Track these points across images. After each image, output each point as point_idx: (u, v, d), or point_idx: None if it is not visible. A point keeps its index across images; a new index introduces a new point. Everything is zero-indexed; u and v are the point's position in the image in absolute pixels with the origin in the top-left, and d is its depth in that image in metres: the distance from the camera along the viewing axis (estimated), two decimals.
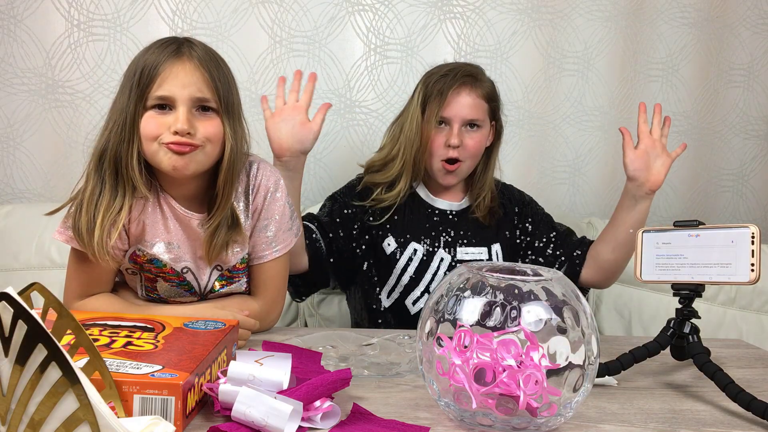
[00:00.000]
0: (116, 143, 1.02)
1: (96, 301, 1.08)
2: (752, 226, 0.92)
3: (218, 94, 1.04)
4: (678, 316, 0.98)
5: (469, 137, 1.37)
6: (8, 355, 0.55)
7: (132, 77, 1.02)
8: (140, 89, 1.01)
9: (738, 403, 0.85)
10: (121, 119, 1.01)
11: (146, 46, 1.05)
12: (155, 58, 1.01)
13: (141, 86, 1.01)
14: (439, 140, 1.36)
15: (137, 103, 1.01)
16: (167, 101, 1.01)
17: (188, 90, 1.01)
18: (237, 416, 0.74)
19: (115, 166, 1.03)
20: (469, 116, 1.36)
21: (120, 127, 1.01)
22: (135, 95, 1.01)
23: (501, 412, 0.74)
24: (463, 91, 1.36)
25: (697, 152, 1.92)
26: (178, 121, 1.00)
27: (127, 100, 1.01)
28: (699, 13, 1.85)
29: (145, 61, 1.02)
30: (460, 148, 1.36)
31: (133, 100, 1.01)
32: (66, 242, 1.06)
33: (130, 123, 1.01)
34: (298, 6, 1.72)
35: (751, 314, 1.65)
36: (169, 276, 1.11)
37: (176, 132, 1.00)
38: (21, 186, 1.70)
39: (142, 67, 1.01)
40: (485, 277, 0.77)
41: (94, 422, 0.55)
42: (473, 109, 1.36)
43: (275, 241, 1.15)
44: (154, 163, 1.04)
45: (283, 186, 1.16)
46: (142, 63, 1.02)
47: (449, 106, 1.35)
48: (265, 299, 1.16)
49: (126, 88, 1.02)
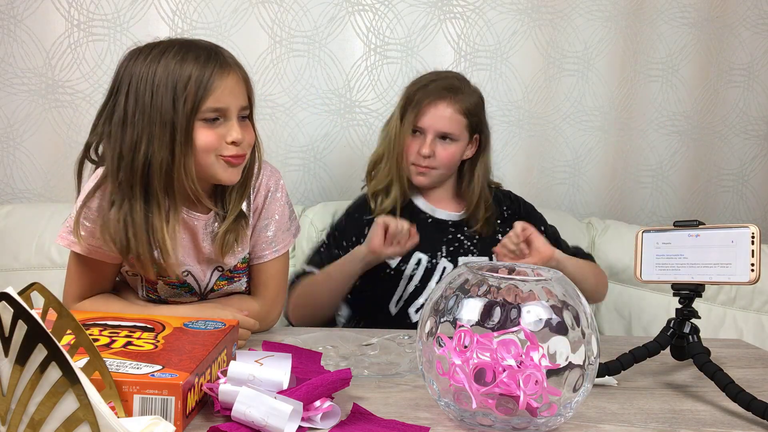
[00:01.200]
0: (165, 158, 0.99)
1: (95, 301, 1.08)
2: (752, 226, 0.92)
3: (251, 101, 1.07)
4: (678, 316, 0.98)
5: (443, 148, 1.38)
6: (8, 355, 0.55)
7: (171, 90, 0.98)
8: (194, 102, 0.99)
9: (738, 403, 0.85)
10: (166, 133, 0.98)
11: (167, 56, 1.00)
12: (202, 71, 0.99)
13: (195, 99, 0.98)
14: (413, 147, 1.38)
15: (190, 116, 0.99)
16: (220, 113, 1.02)
17: (237, 100, 1.03)
18: (237, 416, 0.74)
19: (167, 182, 1.01)
20: (442, 129, 1.37)
21: (168, 141, 0.99)
22: (187, 108, 0.98)
23: (501, 412, 0.74)
24: (441, 104, 1.37)
25: (697, 152, 1.92)
26: (234, 130, 1.02)
27: (173, 113, 0.98)
28: (699, 13, 1.85)
29: (190, 74, 0.99)
30: (432, 158, 1.37)
31: (184, 114, 0.98)
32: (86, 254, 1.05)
33: (183, 137, 0.99)
34: (298, 6, 1.72)
35: (751, 314, 1.65)
36: (170, 279, 1.11)
37: (233, 142, 1.02)
38: (21, 186, 1.70)
39: (187, 80, 0.98)
40: (485, 277, 0.77)
41: (94, 422, 0.55)
42: (448, 123, 1.37)
43: (275, 241, 1.15)
44: (207, 175, 1.04)
45: (283, 186, 1.17)
46: (185, 75, 0.99)
47: (424, 117, 1.37)
48: (265, 299, 1.16)
49: (164, 101, 0.98)
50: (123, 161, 1.00)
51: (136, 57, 1.02)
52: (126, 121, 1.00)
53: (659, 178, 1.91)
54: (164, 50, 1.01)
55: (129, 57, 1.03)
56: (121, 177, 1.00)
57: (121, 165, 1.00)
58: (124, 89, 1.01)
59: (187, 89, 0.98)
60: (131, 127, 0.99)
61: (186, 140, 0.99)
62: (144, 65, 1.00)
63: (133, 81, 1.00)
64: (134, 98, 1.00)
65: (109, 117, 1.03)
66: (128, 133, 1.00)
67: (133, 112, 0.99)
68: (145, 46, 1.04)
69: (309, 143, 1.77)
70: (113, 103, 1.03)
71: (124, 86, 1.01)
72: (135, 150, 0.99)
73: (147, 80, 0.99)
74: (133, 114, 0.99)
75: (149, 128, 0.99)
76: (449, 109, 1.37)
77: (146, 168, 0.99)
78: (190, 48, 1.01)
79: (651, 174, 1.91)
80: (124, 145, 1.00)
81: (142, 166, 0.99)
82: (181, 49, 1.01)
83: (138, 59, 1.01)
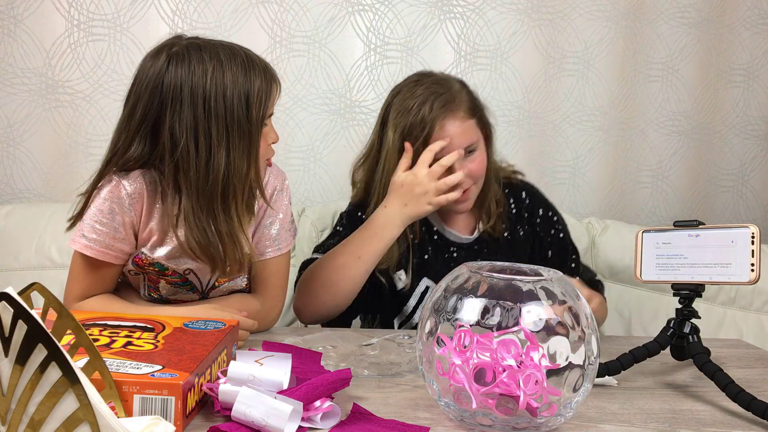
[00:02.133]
0: (245, 166, 1.02)
1: (95, 301, 1.08)
2: (752, 226, 0.92)
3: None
4: (678, 316, 0.98)
5: (470, 161, 1.25)
6: (8, 355, 0.55)
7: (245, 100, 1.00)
8: (263, 113, 1.03)
9: (738, 403, 0.85)
10: (243, 142, 1.01)
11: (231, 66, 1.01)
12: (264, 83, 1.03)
13: (263, 109, 1.03)
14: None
15: (258, 128, 1.03)
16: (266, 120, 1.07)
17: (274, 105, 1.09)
18: (237, 416, 0.74)
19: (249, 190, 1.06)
20: (464, 144, 1.23)
21: (247, 150, 1.02)
22: (257, 122, 1.02)
23: (501, 412, 0.74)
24: (447, 121, 1.22)
25: (697, 152, 1.92)
26: (273, 132, 1.09)
27: (247, 123, 1.01)
28: (699, 13, 1.85)
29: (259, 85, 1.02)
30: (467, 178, 1.24)
31: (256, 125, 1.02)
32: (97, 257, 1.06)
33: (257, 146, 1.04)
34: (298, 6, 1.72)
35: (751, 314, 1.65)
36: (171, 278, 1.11)
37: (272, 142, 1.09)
38: (21, 186, 1.70)
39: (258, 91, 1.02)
40: (485, 277, 0.77)
41: (94, 422, 0.55)
42: (465, 136, 1.24)
43: (278, 239, 1.16)
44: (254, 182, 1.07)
45: (287, 187, 1.19)
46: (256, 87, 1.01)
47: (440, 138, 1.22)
48: (265, 297, 1.16)
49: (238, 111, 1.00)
50: (200, 176, 0.99)
51: (177, 63, 0.99)
52: (197, 135, 0.99)
53: (659, 178, 1.91)
54: (221, 60, 1.00)
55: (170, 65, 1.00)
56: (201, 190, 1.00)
57: (200, 180, 1.00)
58: (176, 99, 0.98)
59: (259, 99, 1.02)
60: (206, 140, 0.99)
61: (257, 151, 1.04)
62: (207, 75, 0.99)
63: (198, 92, 0.98)
64: (205, 111, 0.98)
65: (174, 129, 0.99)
66: (202, 148, 0.99)
67: (205, 125, 0.98)
68: (180, 50, 1.00)
69: (309, 143, 1.77)
70: (158, 113, 0.99)
71: (176, 95, 0.98)
72: (215, 162, 0.99)
73: (218, 92, 0.99)
74: (207, 128, 0.99)
75: (227, 138, 1.00)
76: (458, 120, 1.23)
77: (228, 178, 1.00)
78: (246, 56, 1.04)
79: (651, 174, 1.91)
80: (199, 161, 0.99)
81: (224, 176, 1.00)
82: (237, 57, 1.02)
83: (182, 66, 0.99)
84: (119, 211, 1.05)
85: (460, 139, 1.23)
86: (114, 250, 1.06)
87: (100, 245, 1.05)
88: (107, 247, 1.06)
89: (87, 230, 1.05)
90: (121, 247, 1.07)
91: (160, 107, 1.00)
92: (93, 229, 1.05)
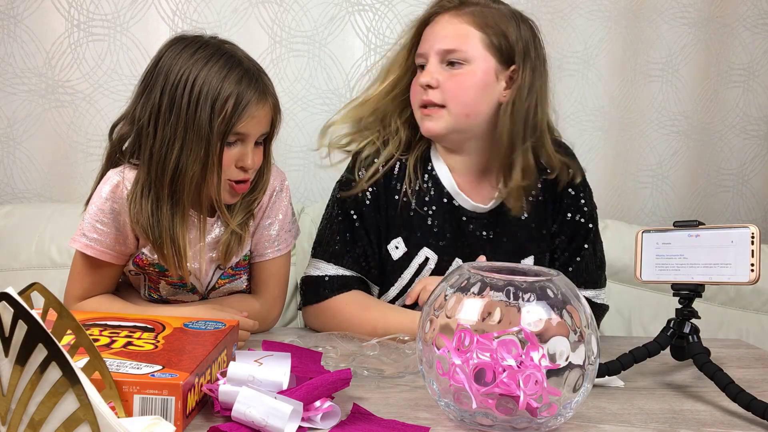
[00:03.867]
0: (198, 172, 0.99)
1: (96, 301, 1.08)
2: (752, 226, 0.92)
3: (274, 127, 1.08)
4: (678, 316, 0.98)
5: (449, 75, 1.08)
6: (8, 355, 0.55)
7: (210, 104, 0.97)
8: (226, 124, 0.98)
9: (738, 403, 0.85)
10: (200, 147, 0.98)
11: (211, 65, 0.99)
12: (240, 96, 0.98)
13: (228, 122, 0.98)
14: (416, 85, 1.12)
15: (223, 137, 0.99)
16: (240, 138, 1.02)
17: (261, 129, 1.04)
18: (237, 416, 0.74)
19: (196, 194, 1.02)
20: (444, 45, 1.07)
21: (203, 156, 0.98)
22: (221, 128, 0.98)
23: (501, 412, 0.74)
24: (443, 19, 1.08)
25: (697, 152, 1.92)
26: (247, 157, 1.02)
27: (209, 129, 0.97)
28: (699, 13, 1.85)
29: (229, 93, 0.98)
30: (438, 90, 1.08)
31: (217, 133, 0.98)
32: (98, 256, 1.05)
33: (217, 155, 0.99)
34: (298, 6, 1.72)
35: (751, 314, 1.65)
36: (172, 279, 1.11)
37: (242, 167, 1.03)
38: (21, 186, 1.70)
39: (225, 99, 0.97)
40: (485, 277, 0.77)
41: (94, 422, 0.54)
42: (450, 38, 1.07)
43: (278, 240, 1.16)
44: (215, 194, 1.03)
45: (287, 187, 1.17)
46: (225, 94, 0.97)
47: (425, 40, 1.10)
48: (266, 297, 1.16)
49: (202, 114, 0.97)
50: (153, 159, 1.00)
51: (180, 51, 1.00)
52: (159, 117, 0.99)
53: (659, 178, 1.91)
54: (210, 57, 0.99)
55: (172, 47, 1.02)
56: (152, 174, 1.00)
57: (152, 162, 1.00)
58: (160, 82, 1.00)
59: (224, 109, 0.98)
60: (164, 125, 0.99)
61: (219, 159, 0.99)
62: (186, 67, 0.98)
63: (171, 77, 0.99)
64: (170, 98, 0.98)
65: (144, 106, 1.01)
66: (160, 133, 0.99)
67: (167, 110, 0.98)
68: (192, 39, 1.02)
69: (309, 143, 1.77)
70: (148, 92, 1.01)
71: (161, 79, 1.00)
72: (167, 152, 0.99)
73: (186, 84, 0.98)
74: (168, 113, 0.98)
75: (183, 134, 0.98)
76: (454, 20, 1.07)
77: (176, 174, 0.99)
78: (235, 64, 1.00)
79: (651, 174, 1.91)
80: (155, 144, 0.99)
81: (172, 170, 0.99)
82: (227, 64, 0.99)
83: (181, 55, 1.00)
84: (121, 211, 1.05)
85: (440, 40, 1.08)
86: (115, 250, 1.06)
87: (100, 245, 1.05)
88: (108, 248, 1.06)
89: (87, 229, 1.05)
90: (122, 248, 1.07)
91: (147, 87, 1.02)
92: (94, 229, 1.05)
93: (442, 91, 1.08)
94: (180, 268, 1.04)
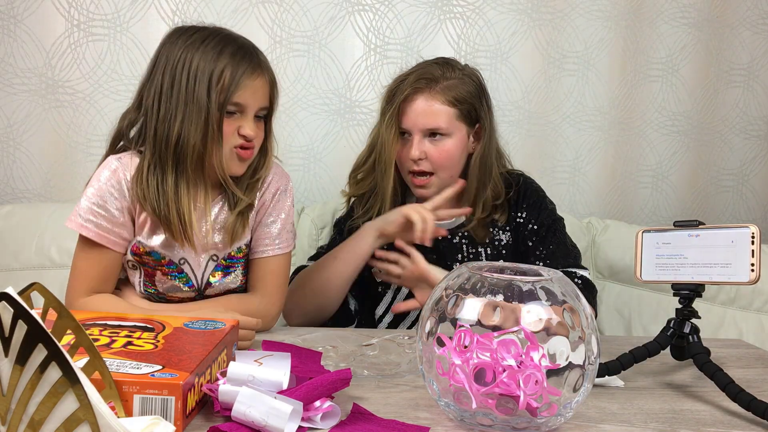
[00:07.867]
0: (199, 141, 1.04)
1: (100, 301, 1.09)
2: (752, 226, 0.92)
3: (273, 104, 1.13)
4: (678, 316, 0.98)
5: (434, 147, 1.25)
6: (8, 355, 0.55)
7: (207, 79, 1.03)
8: (224, 95, 1.04)
9: (738, 403, 0.85)
10: (200, 118, 1.03)
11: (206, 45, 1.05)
12: (235, 68, 1.04)
13: (226, 92, 1.04)
14: (404, 152, 1.26)
15: (221, 107, 1.04)
16: (239, 108, 1.07)
17: (258, 101, 1.09)
18: (237, 416, 0.74)
19: (198, 165, 1.06)
20: (426, 125, 1.23)
21: (203, 126, 1.04)
22: (218, 100, 1.04)
23: (501, 412, 0.74)
24: (419, 98, 1.23)
25: (697, 152, 1.92)
26: (247, 126, 1.07)
27: (207, 101, 1.03)
28: (699, 13, 1.85)
29: (224, 65, 1.04)
30: (426, 161, 1.25)
31: (216, 104, 1.04)
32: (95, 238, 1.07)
33: (216, 126, 1.04)
34: (298, 6, 1.72)
35: (751, 314, 1.65)
36: (167, 268, 1.12)
37: (244, 136, 1.07)
38: (21, 186, 1.70)
39: (221, 73, 1.04)
40: (485, 277, 0.77)
41: (94, 422, 0.54)
42: (431, 118, 1.23)
43: (279, 238, 1.18)
44: (225, 166, 1.08)
45: (291, 189, 1.21)
46: (219, 69, 1.04)
47: (405, 116, 1.24)
48: (263, 294, 1.17)
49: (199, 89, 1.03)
50: (157, 135, 1.05)
51: (178, 37, 1.07)
52: (161, 96, 1.06)
53: (659, 178, 1.91)
54: (205, 38, 1.06)
55: (171, 36, 1.09)
56: (157, 149, 1.06)
57: (156, 138, 1.05)
58: (161, 67, 1.06)
59: (221, 80, 1.04)
60: (167, 103, 1.05)
61: (218, 130, 1.05)
62: (183, 49, 1.05)
63: (170, 61, 1.05)
64: (171, 78, 1.05)
65: (148, 91, 1.08)
66: (163, 108, 1.05)
67: (168, 90, 1.05)
68: (189, 27, 1.09)
69: (309, 143, 1.77)
70: (151, 78, 1.08)
71: (162, 63, 1.07)
72: (169, 126, 1.04)
73: (185, 63, 1.04)
74: (169, 92, 1.05)
75: (184, 108, 1.04)
76: (430, 101, 1.23)
77: (179, 145, 1.04)
78: (229, 42, 1.07)
79: (651, 174, 1.91)
80: (158, 121, 1.05)
81: (175, 141, 1.04)
82: (221, 42, 1.06)
83: (179, 41, 1.07)
84: (118, 197, 1.08)
85: (422, 119, 1.24)
86: (113, 234, 1.08)
87: (97, 227, 1.07)
88: (106, 231, 1.08)
89: (84, 211, 1.07)
90: (120, 232, 1.09)
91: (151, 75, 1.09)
92: (90, 210, 1.07)
93: (430, 161, 1.26)
94: (186, 238, 1.07)
